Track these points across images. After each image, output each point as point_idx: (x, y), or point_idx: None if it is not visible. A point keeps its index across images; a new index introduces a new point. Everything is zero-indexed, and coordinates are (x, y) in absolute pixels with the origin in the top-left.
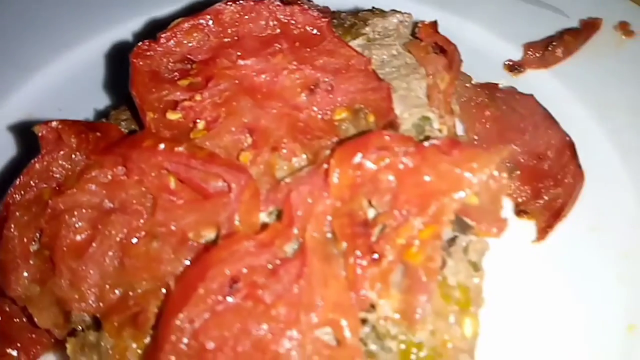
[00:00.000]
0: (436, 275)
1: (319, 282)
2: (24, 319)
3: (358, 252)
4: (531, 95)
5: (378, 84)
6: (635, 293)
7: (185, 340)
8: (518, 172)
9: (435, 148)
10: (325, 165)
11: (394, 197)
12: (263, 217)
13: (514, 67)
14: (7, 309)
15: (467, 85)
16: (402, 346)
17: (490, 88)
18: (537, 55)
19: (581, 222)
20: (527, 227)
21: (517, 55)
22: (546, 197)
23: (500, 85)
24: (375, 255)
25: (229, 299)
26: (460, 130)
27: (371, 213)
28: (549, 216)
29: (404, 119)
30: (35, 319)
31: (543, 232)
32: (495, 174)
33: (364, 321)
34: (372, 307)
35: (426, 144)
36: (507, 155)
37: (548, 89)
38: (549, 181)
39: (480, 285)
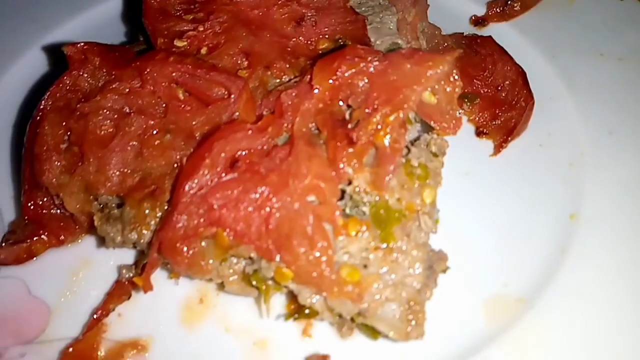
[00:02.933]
0: (401, 152)
1: (305, 158)
2: (54, 210)
3: (338, 138)
4: (490, 37)
5: (355, 17)
6: (578, 190)
7: (194, 201)
8: (478, 101)
9: (400, 55)
10: (309, 76)
11: (366, 96)
12: None
13: (478, 21)
14: (40, 201)
15: (436, 33)
16: (374, 209)
17: (456, 36)
18: (498, 10)
19: (532, 140)
20: (487, 145)
21: (481, 11)
22: (502, 119)
23: (465, 33)
24: (354, 137)
25: (231, 174)
26: None
27: (347, 114)
28: (503, 134)
29: (377, 45)
30: (65, 204)
31: (499, 147)
32: (451, 78)
33: (342, 192)
34: (349, 182)
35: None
36: (457, 57)
37: (507, 38)
38: (505, 106)
39: (438, 167)
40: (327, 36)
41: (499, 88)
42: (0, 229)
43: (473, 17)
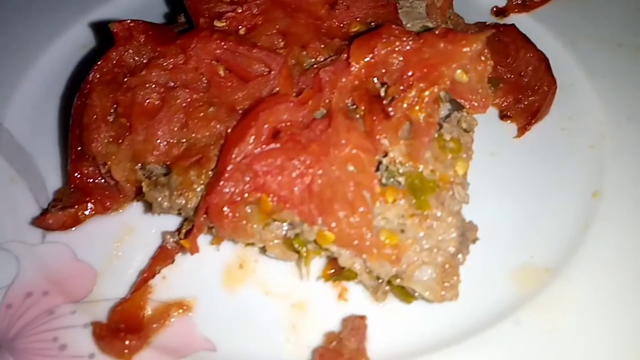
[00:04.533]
0: (435, 125)
1: (344, 130)
2: (98, 180)
3: (374, 112)
4: (512, 25)
5: (386, 2)
6: (600, 170)
7: (240, 169)
8: (502, 85)
9: (433, 34)
10: (345, 54)
11: (401, 73)
12: None
13: (499, 12)
14: (86, 170)
15: (460, 21)
16: (409, 179)
17: (479, 25)
18: (519, 1)
19: (554, 124)
20: (510, 127)
21: (501, 2)
22: (525, 103)
23: (487, 23)
24: (390, 112)
25: (273, 144)
26: None
27: (382, 90)
28: (527, 117)
29: (408, 28)
30: (112, 172)
31: (523, 129)
32: (482, 57)
33: (378, 163)
34: (385, 154)
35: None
36: (489, 37)
37: (527, 27)
38: (528, 91)
39: (469, 141)
40: (358, 19)
41: (522, 74)
42: (44, 197)
43: (494, 8)
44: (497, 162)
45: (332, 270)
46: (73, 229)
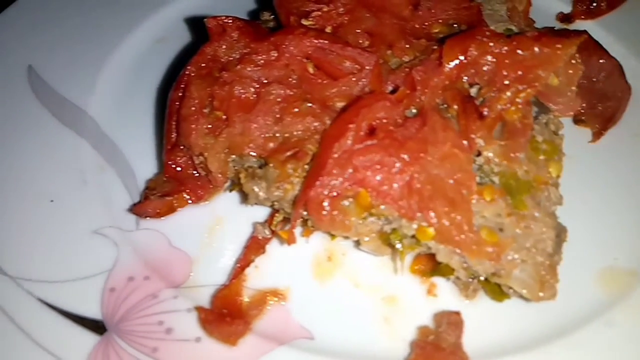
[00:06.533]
0: (531, 127)
1: (440, 128)
2: (190, 170)
3: (468, 112)
4: (585, 31)
5: (469, 4)
6: None
7: (339, 163)
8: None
9: (526, 37)
10: (436, 54)
11: (494, 74)
12: None
13: (564, 18)
14: (180, 160)
15: (532, 25)
16: (504, 179)
17: (550, 30)
18: (584, 8)
19: (626, 130)
20: (584, 132)
21: (567, 9)
22: (600, 108)
23: (555, 28)
24: (484, 112)
25: (371, 140)
26: None
27: (474, 91)
28: (602, 122)
29: None
30: (208, 163)
31: (598, 134)
32: (573, 61)
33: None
34: (478, 154)
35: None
36: (583, 40)
37: (593, 35)
38: (601, 96)
39: (560, 143)
40: (440, 21)
41: (594, 80)
42: (134, 185)
43: (560, 14)
44: (575, 165)
45: (421, 266)
46: (165, 217)
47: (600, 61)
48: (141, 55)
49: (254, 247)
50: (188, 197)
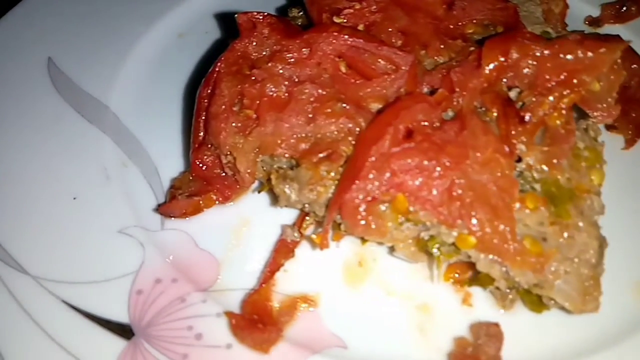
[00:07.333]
0: (574, 133)
1: (481, 132)
2: (217, 170)
3: (509, 116)
4: (617, 36)
5: (504, 5)
6: None
7: (376, 167)
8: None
9: (568, 40)
10: (474, 56)
11: (535, 78)
12: None
13: (593, 22)
14: (207, 159)
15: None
16: (545, 187)
17: (580, 34)
18: (613, 12)
19: None
20: (617, 138)
21: (595, 12)
22: (633, 115)
23: (585, 32)
24: (527, 117)
25: (408, 144)
26: None
27: (513, 94)
28: (635, 129)
29: None
30: (237, 163)
31: (631, 141)
32: (615, 66)
33: None
34: (518, 160)
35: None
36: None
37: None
38: (634, 103)
39: (601, 150)
40: (475, 21)
41: (626, 86)
42: (158, 183)
43: (588, 18)
44: (609, 172)
45: (455, 274)
46: (191, 217)
47: (633, 66)
48: (163, 50)
49: (283, 250)
50: (215, 197)
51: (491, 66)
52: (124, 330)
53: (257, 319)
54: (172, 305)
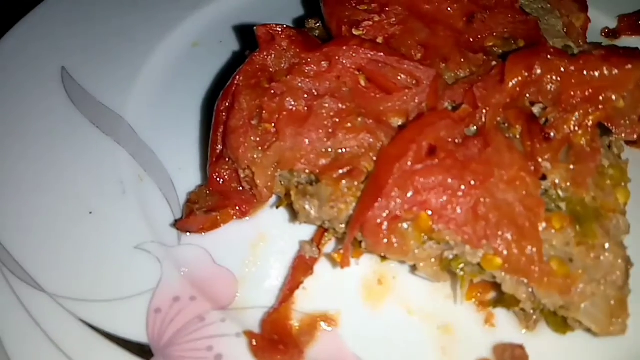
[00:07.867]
0: (600, 151)
1: (506, 150)
2: (234, 184)
3: (534, 133)
4: (636, 49)
5: (525, 18)
6: None
7: (399, 184)
8: None
9: (593, 56)
10: (496, 71)
11: (559, 94)
12: None
13: (610, 34)
14: (225, 174)
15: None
16: (571, 206)
17: (596, 46)
18: (630, 23)
19: None
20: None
21: (611, 24)
22: None
23: (602, 44)
24: (551, 133)
25: (431, 161)
26: None
27: (536, 110)
28: None
29: None
30: (256, 177)
31: None
32: None
33: None
34: (543, 178)
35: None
36: None
37: None
38: None
39: (625, 168)
40: (495, 34)
41: None
42: (174, 197)
43: (605, 30)
44: (633, 188)
45: (478, 294)
46: (207, 233)
47: None
48: (177, 59)
49: (301, 267)
50: (233, 212)
51: (515, 81)
52: (143, 351)
53: (277, 339)
54: (191, 325)
